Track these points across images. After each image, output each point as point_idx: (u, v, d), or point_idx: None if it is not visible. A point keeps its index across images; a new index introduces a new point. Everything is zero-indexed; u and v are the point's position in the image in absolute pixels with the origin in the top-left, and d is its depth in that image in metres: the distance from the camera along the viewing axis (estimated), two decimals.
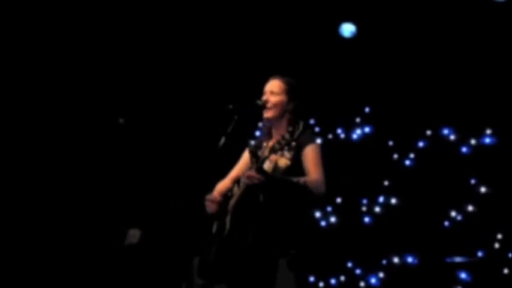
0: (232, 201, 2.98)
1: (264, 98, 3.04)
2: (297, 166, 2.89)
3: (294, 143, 2.76)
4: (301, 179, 2.84)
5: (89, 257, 5.09)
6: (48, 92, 5.26)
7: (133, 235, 5.10)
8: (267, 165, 2.89)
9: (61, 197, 5.20)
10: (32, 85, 5.22)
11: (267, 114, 3.03)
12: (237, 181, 3.11)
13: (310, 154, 2.90)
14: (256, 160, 2.82)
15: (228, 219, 2.94)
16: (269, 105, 3.02)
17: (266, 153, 2.89)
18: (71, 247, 5.10)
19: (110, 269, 5.07)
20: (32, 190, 5.13)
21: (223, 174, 3.27)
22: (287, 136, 2.75)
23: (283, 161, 2.86)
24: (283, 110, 3.02)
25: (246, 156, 3.23)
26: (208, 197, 3.04)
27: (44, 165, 5.20)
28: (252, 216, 2.87)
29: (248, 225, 2.86)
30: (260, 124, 5.46)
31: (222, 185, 3.19)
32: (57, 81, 5.29)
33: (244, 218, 2.89)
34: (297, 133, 2.76)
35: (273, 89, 3.05)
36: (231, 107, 3.09)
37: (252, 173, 2.76)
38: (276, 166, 2.88)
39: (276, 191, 2.82)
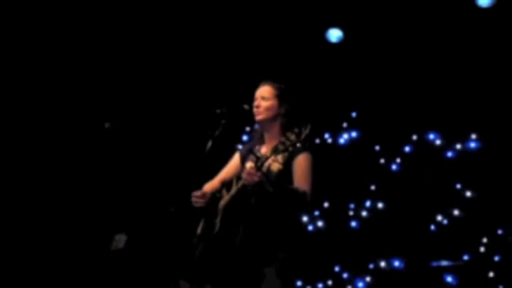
0: (223, 202, 2.98)
1: (256, 103, 3.03)
2: (288, 171, 2.89)
3: (299, 144, 2.73)
4: (294, 187, 2.85)
5: (75, 261, 5.05)
6: (32, 96, 5.23)
7: (119, 240, 5.07)
8: (251, 159, 2.89)
9: (46, 202, 5.16)
10: (17, 89, 5.18)
11: (259, 116, 3.02)
12: (225, 185, 3.10)
13: (302, 163, 2.89)
14: (257, 159, 2.80)
15: (218, 219, 2.93)
16: (261, 109, 3.02)
17: (268, 153, 2.87)
18: (57, 252, 5.07)
19: (95, 273, 5.03)
20: (18, 195, 5.08)
21: (210, 179, 3.26)
22: (292, 137, 2.71)
23: (276, 166, 2.87)
24: (275, 114, 3.02)
25: (235, 159, 3.23)
26: (195, 193, 3.02)
27: (29, 169, 5.17)
28: (242, 217, 2.87)
29: (238, 226, 2.85)
30: (247, 128, 5.48)
31: (210, 185, 3.18)
32: (42, 85, 5.26)
33: (235, 219, 2.88)
34: (304, 134, 2.71)
35: (264, 95, 3.04)
36: (218, 111, 3.09)
37: (252, 170, 2.74)
38: (268, 170, 2.88)
39: (270, 193, 2.81)
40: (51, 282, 4.97)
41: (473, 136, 4.93)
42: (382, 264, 5.05)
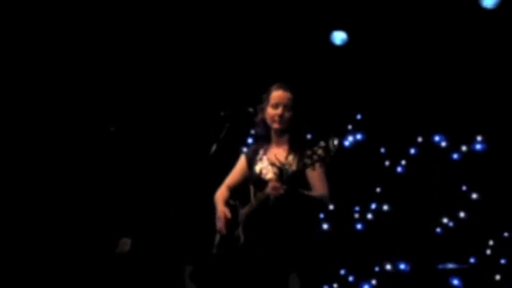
0: (243, 212, 2.97)
1: (279, 112, 3.00)
2: (302, 173, 2.89)
3: (328, 160, 2.70)
4: (317, 195, 2.89)
5: (80, 265, 5.06)
6: (38, 100, 5.24)
7: (124, 243, 5.07)
8: (273, 171, 2.89)
9: (51, 205, 5.17)
10: (23, 93, 5.20)
11: (280, 126, 3.02)
12: (237, 192, 3.10)
13: (317, 169, 2.88)
14: (281, 172, 2.79)
15: (240, 231, 2.94)
16: (284, 119, 3.01)
17: (293, 166, 2.86)
18: (62, 255, 5.07)
19: (100, 277, 5.04)
20: (23, 198, 5.10)
21: (215, 181, 3.26)
22: (320, 151, 2.66)
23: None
24: (290, 123, 3.04)
25: (241, 163, 3.22)
26: (219, 216, 3.03)
27: (35, 173, 5.18)
28: (267, 228, 2.88)
29: (264, 237, 2.87)
30: (252, 131, 5.47)
31: (221, 193, 3.17)
32: (48, 89, 5.27)
33: (259, 230, 2.89)
34: (332, 151, 2.66)
35: (288, 104, 3.01)
36: (222, 114, 3.09)
37: (277, 184, 2.75)
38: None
39: (292, 202, 2.82)
40: (56, 285, 4.97)
41: (479, 138, 4.91)
42: (388, 267, 5.03)
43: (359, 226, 5.22)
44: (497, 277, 4.68)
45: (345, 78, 5.36)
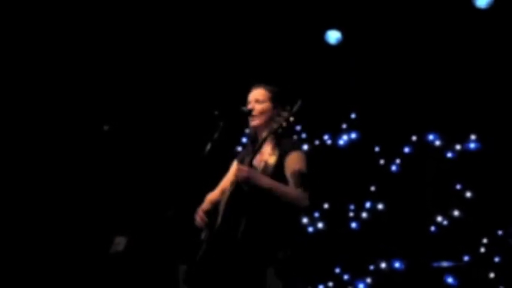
0: (222, 202, 2.98)
1: (250, 106, 3.03)
2: (281, 170, 2.88)
3: (292, 118, 2.75)
4: (286, 188, 2.82)
5: (75, 264, 5.05)
6: (32, 99, 5.23)
7: (119, 243, 5.07)
8: (257, 162, 2.91)
9: (46, 205, 5.16)
10: (16, 91, 5.19)
11: (254, 122, 3.02)
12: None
13: (292, 163, 2.86)
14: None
15: (219, 217, 2.94)
16: (255, 113, 3.02)
17: (273, 157, 2.88)
18: (57, 254, 5.07)
19: (95, 276, 5.03)
20: (17, 198, 5.09)
21: (209, 181, 3.27)
22: (285, 114, 2.76)
23: (273, 159, 2.87)
24: (269, 117, 3.03)
25: (233, 167, 3.23)
26: (198, 211, 3.04)
27: (29, 172, 5.17)
28: (242, 211, 2.86)
29: (239, 220, 2.84)
30: (247, 131, 5.48)
31: (213, 195, 3.18)
32: (41, 88, 5.26)
33: (234, 214, 2.87)
34: (296, 107, 2.75)
35: (258, 97, 3.04)
36: (216, 113, 3.10)
37: (242, 166, 2.79)
38: (266, 164, 2.90)
39: (261, 188, 2.81)
40: (51, 284, 4.97)
41: (473, 137, 4.93)
42: (383, 265, 5.04)
43: (354, 225, 5.23)
44: (491, 275, 4.70)
45: (340, 77, 5.38)
